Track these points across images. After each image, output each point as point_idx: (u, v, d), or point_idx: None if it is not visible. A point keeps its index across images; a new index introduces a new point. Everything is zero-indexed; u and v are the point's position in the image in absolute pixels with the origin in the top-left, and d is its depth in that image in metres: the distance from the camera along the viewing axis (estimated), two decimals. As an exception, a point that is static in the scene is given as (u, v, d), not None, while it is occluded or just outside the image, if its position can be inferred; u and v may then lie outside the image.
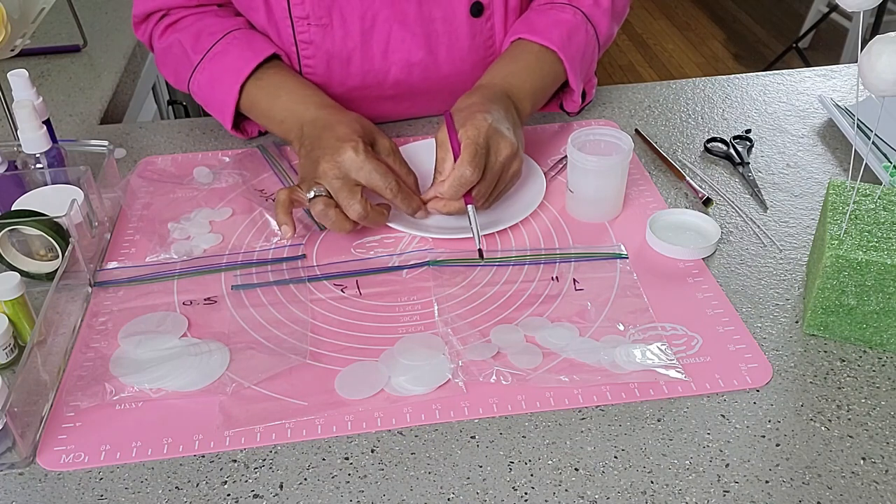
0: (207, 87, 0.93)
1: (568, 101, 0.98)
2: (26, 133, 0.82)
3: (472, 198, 0.80)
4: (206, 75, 0.92)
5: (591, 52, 0.95)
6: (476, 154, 0.77)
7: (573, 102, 0.98)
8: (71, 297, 0.75)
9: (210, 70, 0.92)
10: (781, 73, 1.13)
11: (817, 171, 0.93)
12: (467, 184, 0.78)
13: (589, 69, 0.97)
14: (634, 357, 0.68)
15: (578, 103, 0.98)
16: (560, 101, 0.99)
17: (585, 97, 1.00)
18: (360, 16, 0.90)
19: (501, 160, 0.80)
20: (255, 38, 0.92)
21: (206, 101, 0.95)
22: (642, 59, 3.47)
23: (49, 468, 0.61)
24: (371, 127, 0.84)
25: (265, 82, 0.90)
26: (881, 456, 0.61)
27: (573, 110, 1.00)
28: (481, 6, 0.92)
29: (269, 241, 0.83)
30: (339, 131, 0.80)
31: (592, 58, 0.96)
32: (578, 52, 0.92)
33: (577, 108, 0.99)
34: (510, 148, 0.80)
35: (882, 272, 0.65)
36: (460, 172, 0.77)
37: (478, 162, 0.77)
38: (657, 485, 0.59)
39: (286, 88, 0.90)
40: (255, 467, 0.61)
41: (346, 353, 0.70)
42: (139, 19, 0.98)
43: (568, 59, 0.90)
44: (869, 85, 0.61)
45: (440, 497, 0.59)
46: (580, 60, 0.93)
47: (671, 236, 0.81)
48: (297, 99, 0.89)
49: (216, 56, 0.91)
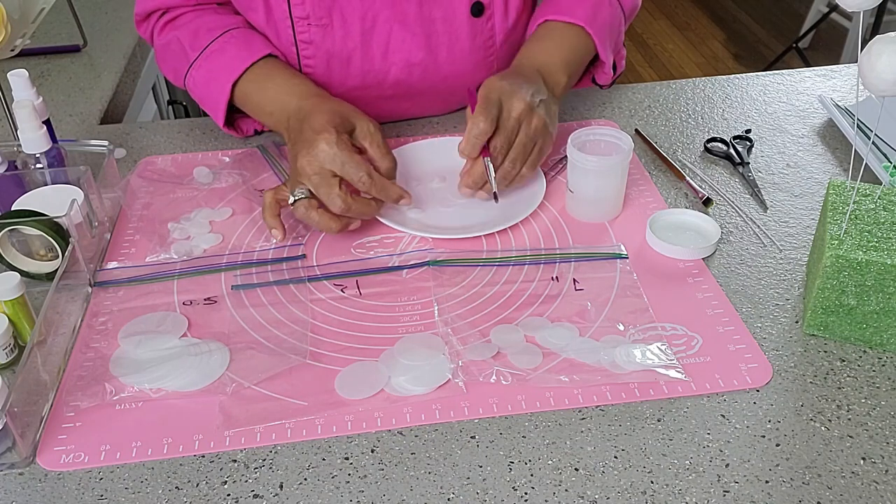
0: (203, 85, 0.93)
1: (599, 73, 0.99)
2: (26, 133, 0.82)
3: (488, 151, 0.81)
4: (201, 72, 0.92)
5: (617, 24, 0.96)
6: (486, 107, 0.79)
7: (605, 74, 0.98)
8: (71, 297, 0.75)
9: (206, 67, 0.92)
10: (781, 73, 1.13)
11: (817, 171, 0.93)
12: (481, 135, 0.80)
13: (617, 40, 0.98)
14: (634, 357, 0.68)
15: (610, 75, 0.99)
16: (592, 76, 1.00)
17: (616, 69, 1.01)
18: (361, 16, 0.90)
19: (515, 115, 0.81)
20: (252, 38, 0.92)
21: (200, 98, 0.95)
22: (642, 59, 3.47)
23: (49, 468, 0.61)
24: (349, 112, 0.83)
25: (256, 76, 0.90)
26: (881, 456, 0.61)
27: (605, 83, 1.00)
28: (482, 6, 0.92)
29: (269, 241, 0.83)
30: (316, 122, 0.80)
31: (620, 29, 0.97)
32: (605, 24, 0.93)
33: (610, 80, 1.00)
34: (523, 104, 0.81)
35: (882, 272, 0.65)
36: (472, 125, 0.79)
37: (488, 113, 0.79)
38: (657, 485, 0.59)
39: (274, 80, 0.90)
40: (255, 467, 0.61)
41: (346, 353, 0.70)
42: (141, 17, 0.98)
43: (596, 32, 0.91)
44: (869, 85, 0.61)
45: (440, 497, 0.59)
46: (608, 32, 0.94)
47: (671, 236, 0.81)
48: (284, 90, 0.89)
49: (213, 54, 0.91)
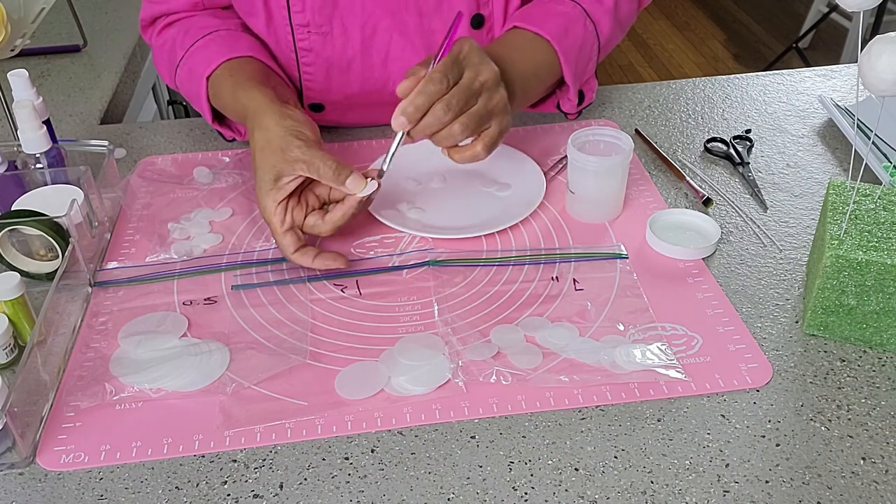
0: (186, 81, 0.92)
1: (564, 99, 0.94)
2: (26, 133, 0.82)
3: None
4: (185, 70, 0.91)
5: (589, 49, 0.91)
6: (452, 67, 0.74)
7: (569, 101, 0.94)
8: (71, 297, 0.75)
9: (189, 64, 0.90)
10: (781, 73, 1.13)
11: (817, 171, 0.93)
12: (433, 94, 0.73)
13: (587, 67, 0.93)
14: (634, 357, 0.68)
15: (574, 103, 0.94)
16: (557, 101, 0.96)
17: (584, 99, 0.96)
18: (361, 25, 0.90)
19: (482, 80, 0.75)
20: (240, 37, 0.91)
21: (187, 95, 0.94)
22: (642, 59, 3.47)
23: (49, 468, 0.61)
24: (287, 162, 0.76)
25: (230, 70, 0.87)
26: (881, 456, 0.61)
27: (569, 111, 0.96)
28: (482, 18, 0.91)
29: (269, 241, 0.83)
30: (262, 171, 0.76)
31: (590, 56, 0.92)
32: (575, 45, 0.89)
33: (574, 110, 0.96)
34: (493, 75, 0.76)
35: (882, 272, 0.65)
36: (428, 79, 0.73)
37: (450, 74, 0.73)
38: (657, 485, 0.59)
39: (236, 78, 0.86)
40: (255, 467, 0.61)
41: (346, 353, 0.70)
42: (146, 23, 0.97)
43: (563, 51, 0.87)
44: (869, 85, 0.61)
45: (440, 497, 0.59)
46: (576, 54, 0.89)
47: (671, 236, 0.81)
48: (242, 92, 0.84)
49: (197, 50, 0.90)
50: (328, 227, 0.78)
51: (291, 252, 0.77)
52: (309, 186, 0.79)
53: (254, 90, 0.82)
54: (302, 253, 0.78)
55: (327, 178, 0.75)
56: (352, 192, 0.76)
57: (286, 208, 0.77)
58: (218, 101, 0.89)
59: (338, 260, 0.78)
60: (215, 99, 0.89)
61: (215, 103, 0.90)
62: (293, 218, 0.77)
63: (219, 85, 0.88)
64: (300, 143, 0.75)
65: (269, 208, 0.77)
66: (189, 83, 0.91)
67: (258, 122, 0.78)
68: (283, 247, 0.78)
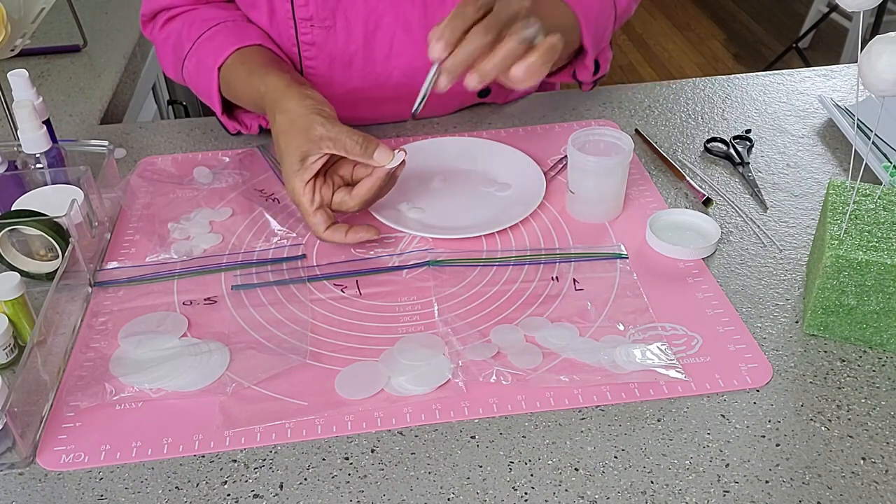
0: (195, 73, 0.92)
1: (581, 68, 0.94)
2: (26, 133, 0.82)
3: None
4: (193, 61, 0.91)
5: (606, 17, 0.91)
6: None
7: (586, 69, 0.93)
8: (71, 297, 0.75)
9: (197, 56, 0.91)
10: (781, 73, 1.13)
11: (817, 171, 0.93)
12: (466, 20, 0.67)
13: (604, 35, 0.93)
14: (634, 357, 0.68)
15: (591, 70, 0.94)
16: (573, 70, 0.96)
17: (599, 69, 0.96)
18: (364, 19, 0.90)
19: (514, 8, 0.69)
20: (248, 28, 0.91)
21: (196, 89, 0.94)
22: (642, 59, 3.47)
23: (49, 468, 0.61)
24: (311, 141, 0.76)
25: (242, 59, 0.87)
26: (881, 456, 0.61)
27: (586, 80, 0.96)
28: None
29: (269, 241, 0.83)
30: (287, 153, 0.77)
31: (608, 24, 0.92)
32: (593, 12, 0.89)
33: (591, 79, 0.96)
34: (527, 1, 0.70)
35: (882, 272, 0.65)
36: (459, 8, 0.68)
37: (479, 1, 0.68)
38: (657, 485, 0.59)
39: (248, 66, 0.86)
40: (255, 467, 0.61)
41: (346, 353, 0.70)
42: (147, 18, 0.98)
43: (583, 15, 0.87)
44: (869, 85, 0.61)
45: (440, 497, 0.59)
46: (595, 21, 0.89)
47: (671, 236, 0.81)
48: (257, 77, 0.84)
49: (204, 42, 0.90)
50: (356, 203, 0.78)
51: (323, 230, 0.78)
52: (333, 167, 0.80)
53: (269, 75, 0.82)
54: (333, 230, 0.78)
55: (354, 152, 0.75)
56: (380, 164, 0.76)
57: (314, 188, 0.77)
58: (230, 90, 0.90)
59: (370, 231, 0.79)
60: (227, 89, 0.90)
61: (227, 93, 0.90)
62: (322, 196, 0.78)
63: (231, 74, 0.88)
64: (323, 121, 0.76)
65: (298, 189, 0.77)
66: (198, 75, 0.91)
67: (279, 105, 0.79)
68: (315, 225, 0.78)
